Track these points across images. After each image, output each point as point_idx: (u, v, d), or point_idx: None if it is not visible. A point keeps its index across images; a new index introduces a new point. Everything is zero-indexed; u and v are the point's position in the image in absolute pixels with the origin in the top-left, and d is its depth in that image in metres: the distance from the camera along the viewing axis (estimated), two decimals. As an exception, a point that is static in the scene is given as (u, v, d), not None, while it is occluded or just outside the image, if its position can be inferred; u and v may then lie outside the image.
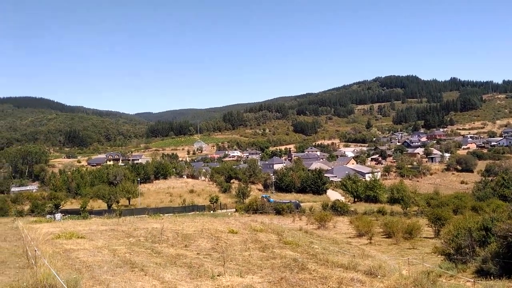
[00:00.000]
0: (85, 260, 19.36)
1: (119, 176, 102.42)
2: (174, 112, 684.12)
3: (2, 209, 73.95)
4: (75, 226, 36.62)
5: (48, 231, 31.49)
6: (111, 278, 15.29)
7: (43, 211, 70.73)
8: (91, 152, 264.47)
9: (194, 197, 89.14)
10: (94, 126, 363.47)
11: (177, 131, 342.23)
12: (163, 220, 41.25)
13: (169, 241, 27.94)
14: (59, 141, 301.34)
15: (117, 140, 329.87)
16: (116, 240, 27.05)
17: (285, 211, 63.80)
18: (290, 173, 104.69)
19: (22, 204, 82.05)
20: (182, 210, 69.12)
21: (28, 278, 13.16)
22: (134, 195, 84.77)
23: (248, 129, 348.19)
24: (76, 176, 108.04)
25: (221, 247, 25.95)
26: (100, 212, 68.22)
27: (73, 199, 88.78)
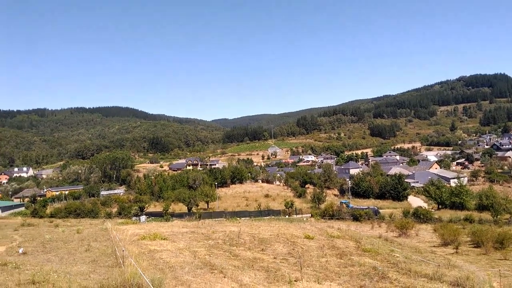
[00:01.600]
0: (168, 260, 20.26)
1: (198, 181, 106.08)
2: (248, 118, 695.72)
3: (93, 211, 79.86)
4: (158, 228, 38.50)
5: (134, 232, 33.45)
6: (192, 279, 15.86)
7: (129, 213, 75.13)
8: (172, 157, 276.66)
9: (269, 202, 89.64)
10: (174, 132, 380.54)
11: (251, 136, 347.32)
12: (240, 224, 42.02)
13: (246, 244, 28.38)
14: (143, 147, 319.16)
15: (196, 146, 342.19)
16: (196, 242, 28.00)
17: (363, 218, 61.95)
18: (367, 178, 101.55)
19: (111, 207, 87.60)
20: (258, 214, 69.86)
21: (116, 276, 14.02)
22: (212, 199, 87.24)
23: (322, 134, 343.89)
24: (159, 180, 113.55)
25: (297, 252, 25.84)
26: (181, 215, 71.08)
27: (156, 202, 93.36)
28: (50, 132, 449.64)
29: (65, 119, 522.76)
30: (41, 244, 28.04)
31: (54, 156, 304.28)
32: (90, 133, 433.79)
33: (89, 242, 27.97)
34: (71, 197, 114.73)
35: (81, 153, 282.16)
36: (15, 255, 22.38)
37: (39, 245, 27.81)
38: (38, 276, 14.10)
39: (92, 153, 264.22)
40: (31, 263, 18.83)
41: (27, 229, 52.46)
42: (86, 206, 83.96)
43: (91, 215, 77.63)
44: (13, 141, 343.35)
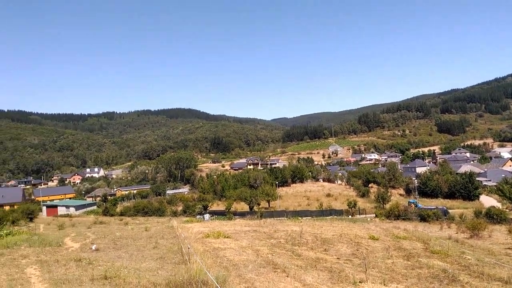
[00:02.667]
0: (232, 258, 20.50)
1: (259, 180, 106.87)
2: (308, 117, 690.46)
3: (159, 209, 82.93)
4: (221, 226, 39.17)
5: (199, 230, 34.25)
6: (255, 278, 15.91)
7: (193, 212, 77.21)
8: (233, 157, 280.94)
9: (331, 201, 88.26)
10: (235, 132, 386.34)
11: (311, 135, 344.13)
12: (302, 223, 41.69)
13: (308, 244, 28.08)
14: (205, 147, 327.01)
15: (256, 145, 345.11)
16: (259, 241, 28.12)
17: (431, 218, 59.13)
18: (435, 177, 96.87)
19: (176, 205, 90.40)
20: (320, 214, 68.99)
21: (183, 273, 14.37)
22: (273, 198, 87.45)
23: (385, 131, 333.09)
24: (221, 179, 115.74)
25: (361, 253, 25.16)
26: (243, 214, 71.90)
27: (218, 201, 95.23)
28: (118, 134, 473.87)
29: (132, 122, 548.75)
30: (112, 241, 29.48)
31: (123, 157, 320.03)
32: (155, 134, 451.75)
33: (156, 240, 29.01)
34: (139, 196, 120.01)
35: (148, 153, 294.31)
36: (89, 252, 23.68)
37: (110, 242, 29.25)
38: (110, 271, 14.79)
39: (158, 154, 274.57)
40: (103, 259, 19.82)
41: (99, 226, 55.51)
42: (153, 204, 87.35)
43: (158, 213, 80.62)
44: (85, 143, 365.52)
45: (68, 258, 19.66)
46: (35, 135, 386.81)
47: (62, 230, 50.26)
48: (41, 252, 22.92)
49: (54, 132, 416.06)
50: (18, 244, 26.95)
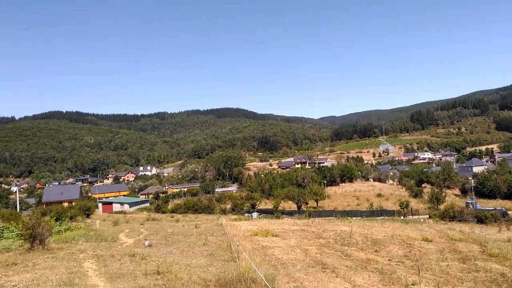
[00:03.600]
0: (280, 257, 20.47)
1: (306, 179, 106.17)
2: (357, 115, 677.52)
3: (209, 207, 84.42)
4: (269, 225, 39.25)
5: (247, 228, 34.50)
6: (304, 277, 15.79)
7: (241, 210, 77.97)
8: (281, 156, 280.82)
9: (382, 201, 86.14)
10: (282, 131, 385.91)
11: (361, 133, 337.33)
12: (351, 223, 40.97)
13: (358, 244, 27.53)
14: (253, 146, 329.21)
15: (303, 144, 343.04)
16: (307, 240, 27.91)
17: (488, 220, 56.26)
18: (493, 177, 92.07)
19: (225, 203, 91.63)
20: (370, 214, 67.53)
21: (232, 270, 14.50)
22: (322, 197, 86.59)
23: (439, 129, 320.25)
24: (269, 178, 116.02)
25: (414, 255, 24.32)
26: (290, 213, 71.74)
27: (266, 199, 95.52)
28: (169, 134, 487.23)
29: (182, 121, 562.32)
30: (164, 238, 30.30)
31: (174, 156, 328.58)
32: (204, 133, 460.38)
33: (206, 237, 29.50)
34: (189, 194, 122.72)
35: (197, 152, 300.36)
36: (142, 247, 24.46)
37: (162, 238, 30.07)
38: (162, 267, 15.18)
39: (207, 153, 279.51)
40: (155, 255, 20.39)
41: (151, 223, 57.22)
42: (202, 202, 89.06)
43: (207, 211, 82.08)
44: (138, 143, 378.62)
45: (122, 253, 20.41)
46: (91, 135, 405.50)
47: (116, 226, 52.27)
48: (97, 247, 23.94)
49: (109, 132, 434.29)
50: (76, 239, 28.28)
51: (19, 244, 23.49)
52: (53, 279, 13.48)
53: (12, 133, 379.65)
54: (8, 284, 12.73)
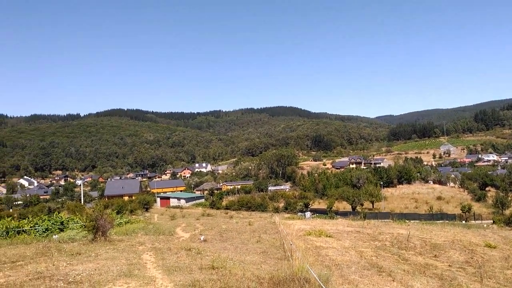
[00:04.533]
0: (334, 258, 20.15)
1: (362, 179, 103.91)
2: (416, 114, 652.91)
3: (262, 205, 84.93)
4: (323, 225, 38.78)
5: (300, 227, 34.30)
6: (359, 279, 15.45)
7: (294, 209, 77.74)
8: (335, 155, 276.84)
9: (442, 205, 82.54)
10: (337, 130, 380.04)
11: (420, 133, 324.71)
12: (409, 227, 39.57)
13: (416, 248, 26.52)
14: (306, 145, 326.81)
15: (359, 144, 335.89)
16: (362, 242, 27.30)
17: (561, 227, 52.33)
18: None
19: (278, 202, 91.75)
20: (429, 218, 64.91)
21: (285, 269, 14.44)
22: (378, 199, 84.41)
23: (506, 129, 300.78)
24: (322, 178, 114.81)
25: (476, 261, 23.05)
26: (345, 213, 70.57)
27: (320, 199, 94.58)
28: (224, 132, 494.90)
29: (237, 120, 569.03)
30: (218, 233, 30.83)
31: (228, 153, 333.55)
32: (258, 132, 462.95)
33: (259, 234, 29.66)
34: (243, 191, 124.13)
35: (251, 150, 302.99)
36: (197, 242, 25.02)
37: (217, 234, 30.61)
38: (217, 262, 15.45)
39: (260, 151, 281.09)
40: (210, 250, 20.79)
41: (206, 218, 58.52)
42: (256, 200, 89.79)
43: (261, 208, 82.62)
44: (194, 140, 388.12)
45: (179, 247, 21.00)
46: (150, 132, 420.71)
47: (173, 220, 53.97)
48: (156, 240, 24.80)
49: (167, 129, 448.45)
50: (136, 231, 29.45)
51: (83, 235, 24.80)
52: (114, 270, 14.10)
53: (78, 130, 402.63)
54: (72, 273, 13.46)
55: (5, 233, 28.37)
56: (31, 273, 13.72)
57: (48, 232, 29.75)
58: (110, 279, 12.63)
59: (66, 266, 15.22)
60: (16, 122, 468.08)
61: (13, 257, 17.47)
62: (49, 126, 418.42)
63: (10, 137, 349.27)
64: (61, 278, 12.61)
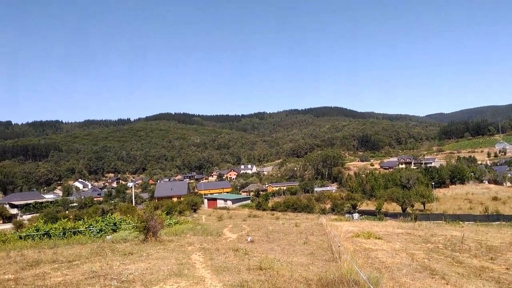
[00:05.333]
0: (384, 260, 19.68)
1: (412, 180, 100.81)
2: (468, 111, 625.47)
3: (308, 206, 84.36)
4: (371, 226, 37.99)
5: (348, 229, 33.79)
6: (410, 282, 15.02)
7: (342, 210, 76.67)
8: (383, 155, 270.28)
9: (499, 205, 78.50)
10: (384, 130, 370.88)
11: (473, 131, 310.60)
12: (463, 228, 38.00)
13: (471, 251, 25.40)
14: (353, 145, 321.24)
15: (408, 143, 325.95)
16: (413, 245, 26.50)
17: None
18: None
19: (324, 203, 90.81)
20: (485, 219, 61.90)
21: (333, 270, 14.28)
22: (429, 200, 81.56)
23: None
24: (370, 178, 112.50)
25: (537, 265, 21.76)
26: (394, 215, 68.72)
27: (368, 200, 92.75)
28: (268, 133, 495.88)
29: (281, 121, 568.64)
30: (265, 234, 30.93)
31: (273, 155, 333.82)
32: (303, 133, 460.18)
33: (306, 236, 29.48)
34: (288, 192, 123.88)
35: (296, 151, 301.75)
36: (244, 243, 25.21)
37: (264, 235, 30.71)
38: (264, 263, 15.50)
39: (305, 152, 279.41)
40: (257, 251, 20.90)
41: (252, 220, 58.86)
42: (302, 201, 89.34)
43: (307, 210, 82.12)
44: (239, 142, 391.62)
45: (227, 248, 21.27)
46: (197, 134, 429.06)
47: (221, 221, 54.72)
48: (204, 240, 25.24)
49: (213, 132, 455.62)
50: (185, 232, 30.10)
51: (135, 235, 25.64)
52: (164, 269, 14.50)
53: (128, 134, 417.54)
54: (125, 272, 13.97)
55: (62, 234, 29.87)
56: (86, 272, 14.36)
57: (102, 232, 31.03)
58: (161, 278, 12.99)
59: (119, 265, 15.81)
60: (71, 127, 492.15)
61: (69, 257, 18.37)
62: (101, 131, 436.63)
63: (66, 142, 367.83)
64: (115, 277, 13.11)
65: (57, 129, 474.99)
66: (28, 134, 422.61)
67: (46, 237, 29.28)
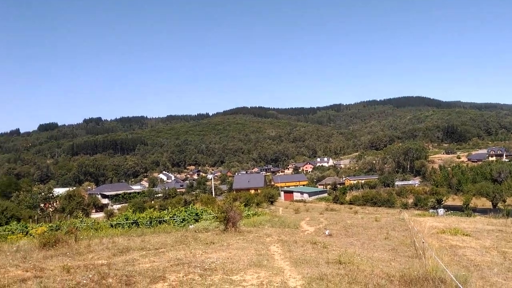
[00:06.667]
0: (472, 258, 18.58)
1: (504, 173, 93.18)
2: None
3: (388, 200, 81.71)
4: (458, 223, 35.92)
5: (432, 225, 32.23)
6: (503, 282, 14.06)
7: (425, 205, 73.29)
8: (471, 147, 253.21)
9: None
10: (472, 120, 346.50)
11: None
12: None
13: None
14: (437, 137, 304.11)
15: (499, 134, 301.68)
16: (506, 242, 24.64)
17: None
18: None
19: (406, 198, 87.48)
20: None
21: (417, 267, 13.74)
22: (524, 195, 75.14)
23: None
24: (457, 172, 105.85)
25: None
26: (483, 211, 64.28)
27: (454, 195, 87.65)
28: (345, 125, 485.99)
29: (358, 112, 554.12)
30: (343, 228, 30.49)
31: (350, 148, 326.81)
32: (381, 124, 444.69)
33: (387, 231, 28.59)
34: (367, 186, 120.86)
35: (374, 144, 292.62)
36: (322, 236, 25.06)
37: (342, 229, 30.29)
38: (343, 257, 15.32)
39: (384, 144, 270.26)
40: (336, 245, 20.69)
41: (330, 213, 58.33)
42: (381, 195, 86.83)
43: (387, 204, 79.69)
44: (315, 135, 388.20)
45: (304, 240, 21.29)
46: (272, 128, 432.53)
47: (297, 214, 54.93)
48: (281, 232, 25.48)
49: (288, 125, 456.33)
50: (263, 224, 30.60)
51: (215, 226, 26.58)
52: (244, 259, 14.89)
53: (207, 128, 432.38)
54: (207, 261, 14.57)
55: (149, 223, 31.84)
56: (171, 259, 15.18)
57: (185, 222, 32.58)
58: (242, 268, 13.36)
59: (201, 254, 16.52)
60: (155, 122, 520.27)
61: (156, 245, 19.52)
62: (182, 126, 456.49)
63: (150, 136, 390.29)
64: (198, 265, 13.72)
65: (142, 124, 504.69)
66: (116, 129, 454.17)
67: (134, 225, 31.38)
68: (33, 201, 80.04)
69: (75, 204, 73.67)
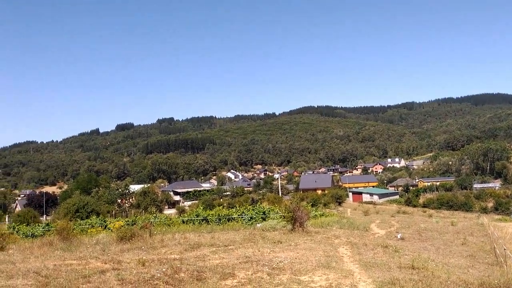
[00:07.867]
0: None
1: None
2: None
3: (466, 204, 77.22)
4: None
5: (515, 231, 30.01)
6: None
7: (507, 210, 68.61)
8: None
9: None
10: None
11: None
12: None
13: None
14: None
15: None
16: None
17: None
18: None
19: (485, 201, 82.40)
20: None
21: (498, 275, 12.93)
22: None
23: None
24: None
25: None
26: None
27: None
28: (418, 124, 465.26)
29: (433, 111, 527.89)
30: (416, 232, 29.20)
31: (423, 148, 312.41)
32: (458, 123, 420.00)
33: (464, 236, 27.01)
34: (442, 189, 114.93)
35: (450, 144, 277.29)
36: (394, 239, 24.15)
37: (415, 232, 29.02)
38: (417, 262, 14.64)
39: (462, 144, 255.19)
40: (408, 249, 19.85)
41: (402, 216, 56.12)
42: (458, 198, 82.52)
43: (464, 208, 75.59)
44: (385, 134, 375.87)
45: (375, 243, 20.65)
46: (340, 127, 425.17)
47: (367, 216, 53.46)
48: (350, 234, 24.91)
49: (356, 124, 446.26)
50: (330, 225, 30.12)
51: (283, 225, 26.59)
52: (312, 260, 14.74)
53: (274, 127, 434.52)
54: (275, 260, 14.61)
55: (218, 220, 32.61)
56: (240, 256, 15.42)
57: (253, 220, 32.95)
58: (310, 268, 13.24)
59: (269, 252, 16.61)
60: (223, 122, 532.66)
61: (225, 242, 19.95)
62: (249, 125, 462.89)
63: (219, 136, 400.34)
64: (266, 264, 13.81)
65: (211, 124, 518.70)
66: (187, 129, 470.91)
67: (205, 222, 32.32)
68: (111, 197, 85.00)
69: (149, 200, 77.34)
